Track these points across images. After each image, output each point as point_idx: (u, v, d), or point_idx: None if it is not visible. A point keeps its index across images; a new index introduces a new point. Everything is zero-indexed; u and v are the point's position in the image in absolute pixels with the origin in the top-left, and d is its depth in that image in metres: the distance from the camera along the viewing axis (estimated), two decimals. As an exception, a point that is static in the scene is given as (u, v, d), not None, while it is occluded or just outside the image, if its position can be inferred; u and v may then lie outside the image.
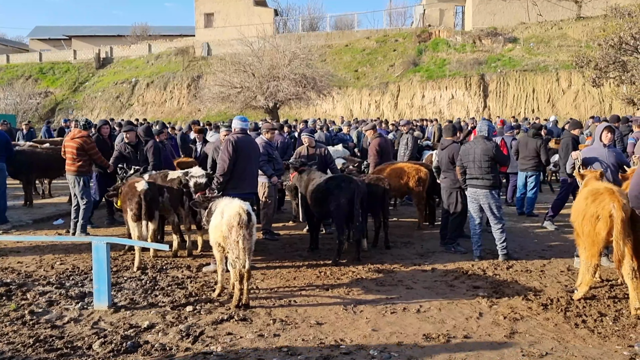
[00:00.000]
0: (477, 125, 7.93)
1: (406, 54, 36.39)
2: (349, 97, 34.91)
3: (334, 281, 6.65)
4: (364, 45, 38.80)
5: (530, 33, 35.73)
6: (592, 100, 30.13)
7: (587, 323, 5.24)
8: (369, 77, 35.89)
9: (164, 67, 41.81)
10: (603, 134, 7.17)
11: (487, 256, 7.65)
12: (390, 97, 34.13)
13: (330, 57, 36.68)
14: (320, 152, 9.34)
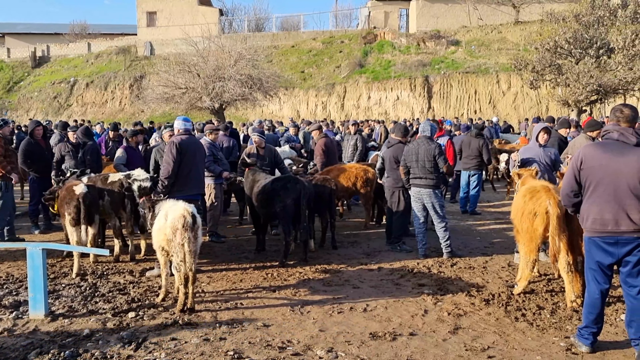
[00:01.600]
0: (420, 126, 8.07)
1: (352, 56, 36.75)
2: (296, 98, 34.96)
3: (281, 282, 6.62)
4: (310, 47, 38.93)
5: (471, 36, 36.81)
6: (530, 101, 31.31)
7: (526, 316, 5.42)
8: (315, 78, 36.03)
9: (105, 67, 40.61)
10: (540, 135, 7.44)
11: (432, 254, 7.79)
12: (337, 98, 34.38)
13: (276, 58, 36.58)
14: (270, 153, 9.28)
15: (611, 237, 4.34)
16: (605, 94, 22.27)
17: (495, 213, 11.15)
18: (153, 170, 8.10)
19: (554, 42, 22.96)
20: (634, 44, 21.59)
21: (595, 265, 4.50)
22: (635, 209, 4.28)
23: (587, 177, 4.42)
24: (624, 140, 4.37)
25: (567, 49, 22.83)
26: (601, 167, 4.33)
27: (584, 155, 4.46)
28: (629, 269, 4.39)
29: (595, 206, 4.38)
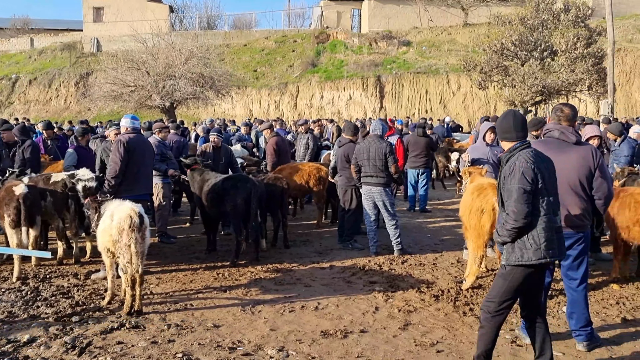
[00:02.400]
0: (371, 125, 8.13)
1: (305, 55, 36.77)
2: (249, 97, 34.70)
3: (232, 282, 6.54)
4: (263, 45, 38.72)
5: (422, 37, 37.44)
6: (479, 101, 32.08)
7: (474, 311, 5.53)
8: (268, 77, 35.87)
9: (49, 63, 39.22)
10: (487, 134, 7.62)
11: (383, 252, 7.86)
12: (290, 97, 34.33)
13: (228, 57, 36.20)
14: (226, 152, 9.23)
15: (553, 232, 4.48)
16: (549, 95, 23.06)
17: (445, 210, 11.36)
18: (99, 170, 7.85)
19: (500, 44, 23.62)
20: (575, 47, 22.45)
21: (538, 260, 4.63)
22: (575, 205, 4.44)
23: (530, 175, 4.53)
24: (565, 139, 4.51)
25: (513, 51, 23.53)
26: (542, 164, 4.45)
27: None
28: (569, 262, 4.55)
29: (538, 202, 4.50)
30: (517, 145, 3.91)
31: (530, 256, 3.78)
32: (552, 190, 3.86)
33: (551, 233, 3.78)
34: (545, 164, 3.86)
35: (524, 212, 3.72)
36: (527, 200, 3.72)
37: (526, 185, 3.72)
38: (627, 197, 6.12)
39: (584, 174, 4.43)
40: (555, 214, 3.85)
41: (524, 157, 3.80)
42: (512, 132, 3.94)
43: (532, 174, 3.73)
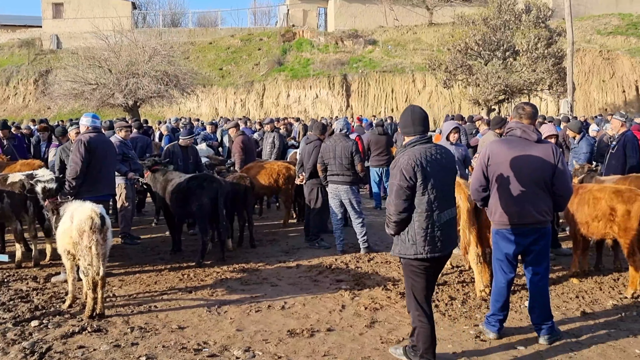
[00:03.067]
0: (336, 123, 8.14)
1: (271, 53, 36.63)
2: (214, 96, 34.38)
3: (198, 283, 6.46)
4: (229, 44, 38.41)
5: (388, 36, 37.73)
6: (444, 100, 32.52)
7: (439, 307, 5.58)
8: (234, 75, 35.60)
9: (6, 60, 38.08)
10: (451, 133, 7.71)
11: (350, 250, 7.88)
12: (256, 96, 34.16)
13: (193, 55, 35.79)
14: (194, 152, 9.18)
15: (517, 228, 4.57)
16: (511, 94, 23.57)
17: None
18: (59, 171, 7.65)
19: (464, 44, 24.03)
20: (536, 47, 22.99)
21: (503, 256, 4.71)
22: (538, 201, 4.54)
23: (494, 172, 4.60)
24: (527, 137, 4.60)
25: (477, 50, 23.97)
26: (506, 162, 4.53)
27: (491, 151, 4.64)
28: (532, 257, 4.65)
29: (503, 200, 4.58)
30: (412, 141, 4.00)
31: (407, 251, 3.92)
32: (438, 187, 3.89)
33: (431, 229, 3.86)
34: (434, 162, 3.91)
35: (400, 207, 3.83)
36: (402, 196, 3.82)
37: (402, 182, 3.82)
38: (586, 194, 6.26)
39: (546, 171, 4.53)
40: (440, 210, 3.91)
41: (407, 155, 3.91)
42: (410, 126, 4.02)
43: (411, 172, 3.81)
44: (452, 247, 4.12)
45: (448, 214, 3.99)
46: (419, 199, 3.86)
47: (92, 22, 28.13)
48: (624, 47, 32.22)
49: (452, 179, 4.09)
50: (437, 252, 3.93)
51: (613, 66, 31.18)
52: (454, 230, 4.10)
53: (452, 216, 4.07)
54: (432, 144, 4.01)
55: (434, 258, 3.95)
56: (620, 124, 8.45)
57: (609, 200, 5.95)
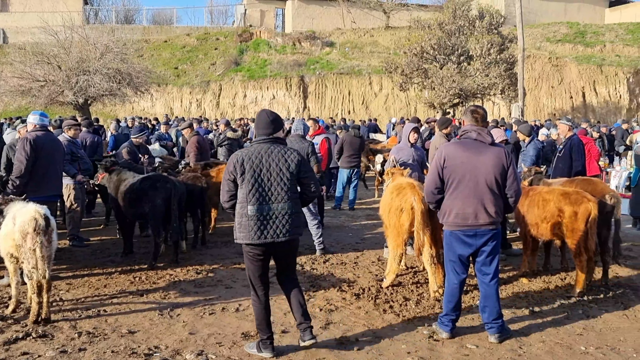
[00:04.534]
0: (293, 125, 8.11)
1: (228, 53, 36.27)
2: (169, 95, 33.77)
3: (150, 286, 6.31)
4: (184, 42, 37.83)
5: (345, 38, 37.93)
6: (400, 103, 32.92)
7: (394, 308, 5.62)
8: (189, 75, 35.07)
9: (-51, 55, 36.36)
10: (410, 135, 7.79)
11: (305, 251, 7.85)
12: (212, 96, 33.75)
13: (148, 53, 35.08)
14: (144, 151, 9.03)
15: (471, 229, 4.64)
16: (465, 98, 24.04)
17: (367, 210, 11.54)
18: (5, 169, 7.35)
19: (420, 48, 24.40)
20: (489, 53, 23.56)
21: (455, 257, 4.78)
22: (491, 203, 4.63)
23: (450, 175, 4.67)
24: (482, 139, 4.69)
25: (432, 54, 24.38)
26: (462, 164, 4.60)
27: (447, 154, 4.70)
28: (483, 258, 4.74)
29: (458, 201, 4.64)
30: (254, 141, 4.52)
31: (234, 235, 4.45)
32: (260, 182, 4.30)
33: (246, 219, 4.29)
34: (263, 159, 4.33)
35: (224, 196, 4.42)
36: (226, 187, 4.39)
37: (226, 175, 4.37)
38: (535, 196, 6.44)
39: (499, 173, 4.63)
40: (260, 203, 4.29)
41: (237, 152, 4.49)
42: (258, 129, 4.51)
43: (232, 167, 4.32)
44: (277, 237, 4.35)
45: (269, 208, 4.32)
46: (239, 190, 4.36)
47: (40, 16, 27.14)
48: (572, 54, 33.41)
49: (287, 176, 4.37)
50: (252, 239, 4.30)
51: (561, 73, 32.27)
52: (282, 222, 4.34)
53: (277, 210, 4.33)
54: (271, 144, 4.40)
55: (252, 245, 4.35)
56: (568, 128, 8.73)
57: (557, 202, 6.13)
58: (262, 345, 4.48)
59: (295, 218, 4.43)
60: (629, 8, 39.49)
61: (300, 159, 4.48)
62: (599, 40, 34.60)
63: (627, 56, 32.67)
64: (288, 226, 4.37)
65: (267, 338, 4.47)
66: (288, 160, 4.39)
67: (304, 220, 4.73)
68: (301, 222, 4.62)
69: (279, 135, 4.59)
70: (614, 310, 5.64)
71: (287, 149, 4.47)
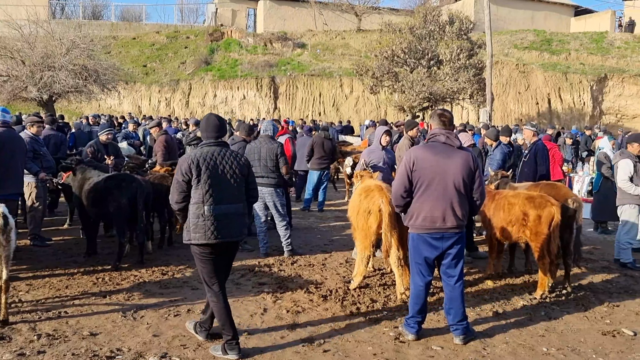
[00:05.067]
0: (262, 125, 8.07)
1: (198, 52, 35.91)
2: (137, 93, 33.23)
3: (113, 287, 6.18)
4: (154, 40, 37.31)
5: (317, 40, 37.96)
6: (370, 105, 33.09)
7: (360, 310, 5.63)
8: (158, 73, 34.59)
9: None
10: (382, 137, 7.83)
11: (273, 253, 7.82)
12: (182, 95, 33.34)
13: (115, 50, 34.45)
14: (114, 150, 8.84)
15: (438, 232, 4.68)
16: (435, 102, 24.32)
17: (336, 211, 11.55)
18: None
19: (391, 51, 24.59)
20: (459, 58, 23.89)
21: (422, 260, 4.81)
22: (459, 206, 4.68)
23: (419, 178, 4.69)
24: (450, 143, 4.74)
25: (403, 58, 24.59)
26: (432, 168, 4.63)
27: (416, 157, 4.71)
28: (449, 260, 4.78)
29: (427, 204, 4.67)
30: (202, 144, 4.56)
31: (186, 237, 4.43)
32: (213, 183, 4.35)
33: (202, 219, 4.32)
34: (214, 161, 4.39)
35: (174, 198, 4.44)
36: (179, 189, 4.39)
37: (179, 176, 4.38)
38: (501, 200, 6.54)
39: (466, 176, 4.69)
40: (216, 204, 4.35)
41: (188, 154, 4.59)
42: (204, 132, 4.57)
43: (187, 168, 4.34)
44: (231, 237, 4.44)
45: (225, 209, 4.39)
46: (194, 191, 4.36)
47: (4, 9, 26.41)
48: (538, 61, 34.12)
49: (239, 177, 4.49)
50: (208, 239, 4.33)
51: (528, 79, 32.92)
52: (233, 222, 4.44)
53: (231, 211, 4.43)
54: (220, 147, 4.49)
55: (207, 245, 4.37)
56: (532, 133, 8.90)
57: (522, 206, 6.24)
58: (227, 346, 4.44)
59: (244, 219, 4.62)
60: (593, 18, 40.56)
61: (248, 162, 4.65)
62: (564, 48, 35.43)
63: (591, 64, 33.53)
64: (240, 226, 4.52)
65: (232, 338, 4.45)
66: (240, 163, 4.53)
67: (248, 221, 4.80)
68: (246, 224, 4.78)
69: (224, 139, 4.71)
70: (575, 312, 5.77)
71: (236, 153, 4.61)
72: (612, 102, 31.87)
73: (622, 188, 7.51)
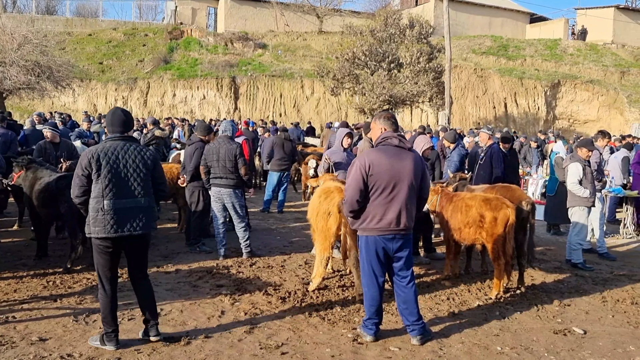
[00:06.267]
0: (221, 125, 7.97)
1: (157, 50, 35.30)
2: (93, 91, 32.41)
3: (65, 290, 5.99)
4: (110, 37, 36.49)
5: (278, 41, 37.86)
6: (331, 107, 33.20)
7: (319, 312, 5.61)
8: (115, 71, 33.83)
9: None
10: (344, 139, 7.84)
11: (232, 254, 7.72)
12: (140, 94, 32.70)
13: (70, 46, 33.56)
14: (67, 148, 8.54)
15: (391, 234, 4.71)
16: (395, 104, 24.57)
17: (296, 213, 11.52)
18: None
19: (352, 53, 24.71)
20: (418, 61, 24.19)
21: (375, 262, 4.81)
22: (412, 207, 4.74)
23: (375, 182, 4.68)
24: (402, 145, 4.77)
25: (364, 60, 24.74)
26: (388, 171, 4.65)
27: (371, 161, 4.69)
28: (401, 262, 4.84)
29: (383, 207, 4.68)
30: (107, 138, 4.61)
31: (87, 230, 4.47)
32: (114, 178, 4.40)
33: (101, 213, 4.37)
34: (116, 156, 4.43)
35: (75, 192, 4.48)
36: (79, 183, 4.44)
37: (79, 170, 4.44)
38: (459, 202, 6.63)
39: (417, 178, 4.76)
40: (116, 198, 4.39)
41: (89, 148, 4.57)
42: (109, 126, 4.60)
43: (87, 162, 4.38)
44: (132, 231, 4.46)
45: (125, 203, 4.43)
46: (94, 185, 4.41)
47: (-48, 2, 25.40)
48: (495, 66, 34.95)
49: (143, 172, 4.52)
50: (107, 233, 4.38)
51: (485, 83, 33.68)
52: (138, 216, 4.48)
53: (133, 205, 4.47)
54: (124, 142, 4.52)
55: (107, 238, 4.42)
56: (488, 136, 9.08)
57: (478, 208, 6.34)
58: (106, 338, 4.53)
59: (150, 213, 4.60)
60: (547, 25, 41.83)
61: (156, 157, 4.64)
62: (520, 54, 36.40)
63: (545, 70, 34.55)
64: (145, 220, 4.52)
65: (112, 331, 4.53)
66: (145, 157, 4.55)
67: (157, 215, 4.83)
68: (155, 218, 4.73)
69: (131, 134, 4.71)
70: (528, 311, 5.89)
71: (142, 147, 4.63)
72: (565, 108, 32.92)
73: (572, 191, 7.73)
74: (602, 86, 32.51)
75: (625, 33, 38.00)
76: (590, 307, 6.14)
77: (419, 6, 40.20)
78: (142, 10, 45.71)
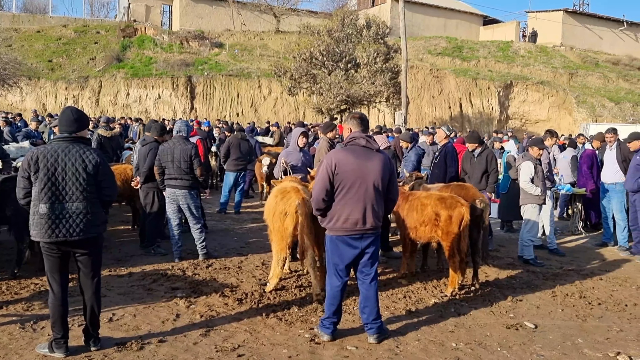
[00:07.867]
0: (176, 125, 7.81)
1: (109, 48, 34.45)
2: (42, 90, 31.36)
3: (11, 297, 5.76)
4: (60, 34, 35.40)
5: (235, 40, 37.54)
6: (289, 107, 33.12)
7: (276, 312, 5.57)
8: (65, 69, 32.83)
9: None
10: (299, 139, 7.80)
11: (188, 256, 7.60)
12: (91, 93, 31.83)
13: (17, 43, 32.38)
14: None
15: (358, 234, 4.72)
16: (352, 104, 24.70)
17: (253, 213, 11.43)
18: None
19: (309, 53, 24.71)
20: (375, 61, 24.39)
21: (340, 261, 4.82)
22: (379, 207, 4.76)
23: (341, 181, 4.69)
24: (370, 146, 4.78)
25: (321, 60, 24.78)
26: (354, 171, 4.66)
27: (338, 160, 4.70)
28: (365, 260, 4.84)
29: (348, 207, 4.68)
30: (53, 138, 4.51)
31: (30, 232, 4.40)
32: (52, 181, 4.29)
33: (38, 217, 4.28)
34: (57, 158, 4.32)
35: (19, 193, 4.39)
36: (21, 184, 4.37)
37: (20, 172, 4.38)
38: (415, 201, 6.70)
39: (385, 178, 4.78)
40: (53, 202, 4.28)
41: (31, 150, 4.53)
42: (61, 126, 4.50)
43: (26, 164, 4.32)
44: (70, 236, 4.34)
45: (63, 207, 4.31)
46: (33, 188, 4.33)
47: None
48: (451, 67, 35.61)
49: (83, 176, 4.37)
50: (43, 237, 4.29)
51: (441, 84, 34.27)
52: (76, 221, 4.35)
53: (72, 209, 4.34)
54: (71, 143, 4.39)
55: (46, 242, 4.34)
56: (445, 135, 9.21)
57: (434, 207, 6.43)
58: (55, 344, 4.41)
59: (92, 217, 4.42)
60: (500, 28, 42.93)
61: (100, 160, 4.47)
62: (474, 55, 37.22)
63: (498, 71, 35.43)
64: (82, 225, 4.36)
65: (61, 337, 4.42)
66: (86, 161, 4.38)
67: (104, 219, 4.62)
68: (100, 222, 4.54)
69: (83, 134, 4.53)
70: (482, 307, 6.01)
71: (87, 149, 4.45)
72: (517, 108, 33.86)
73: (524, 189, 7.93)
74: (551, 87, 33.60)
75: (573, 36, 39.35)
76: (541, 301, 6.31)
77: (376, 7, 40.59)
78: (93, 7, 44.75)
